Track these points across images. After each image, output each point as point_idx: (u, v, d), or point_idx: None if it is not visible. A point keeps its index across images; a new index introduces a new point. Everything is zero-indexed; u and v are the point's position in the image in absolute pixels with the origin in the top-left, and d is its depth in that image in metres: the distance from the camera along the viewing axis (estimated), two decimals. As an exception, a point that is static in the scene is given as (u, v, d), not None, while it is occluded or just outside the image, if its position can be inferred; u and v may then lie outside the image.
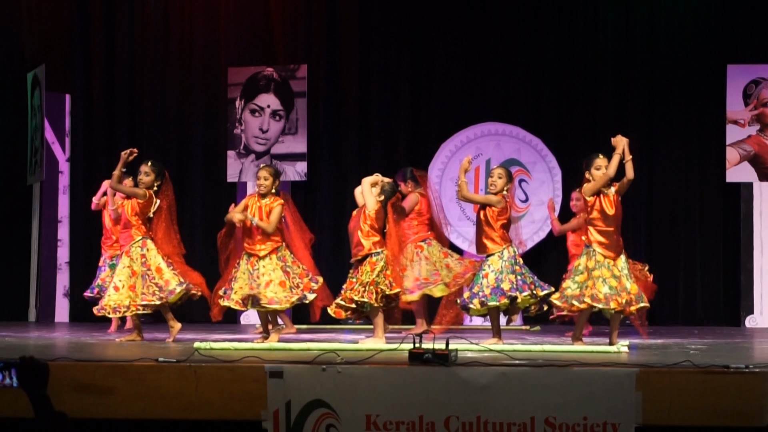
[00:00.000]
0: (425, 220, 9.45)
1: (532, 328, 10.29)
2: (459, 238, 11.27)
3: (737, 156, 11.26)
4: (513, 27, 11.80)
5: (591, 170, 7.86)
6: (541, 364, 6.16)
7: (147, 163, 8.76)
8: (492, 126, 11.60)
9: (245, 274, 8.14)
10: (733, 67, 11.27)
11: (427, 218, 9.45)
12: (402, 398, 5.87)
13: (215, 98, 12.14)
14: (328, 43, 12.02)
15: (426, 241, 9.38)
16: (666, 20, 11.60)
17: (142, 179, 8.69)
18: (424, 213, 9.44)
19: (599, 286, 7.65)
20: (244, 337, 8.83)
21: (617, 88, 11.64)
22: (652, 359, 6.68)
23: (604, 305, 7.66)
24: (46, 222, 12.12)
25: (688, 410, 5.76)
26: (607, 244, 7.71)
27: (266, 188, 8.27)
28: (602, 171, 7.79)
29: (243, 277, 8.14)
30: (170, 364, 6.19)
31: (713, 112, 11.43)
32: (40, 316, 12.03)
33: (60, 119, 12.20)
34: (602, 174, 7.80)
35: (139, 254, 8.54)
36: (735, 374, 5.84)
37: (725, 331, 10.43)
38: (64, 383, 6.00)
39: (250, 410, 5.96)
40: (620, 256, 7.75)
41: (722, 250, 11.51)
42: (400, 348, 6.78)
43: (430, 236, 9.42)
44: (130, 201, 8.70)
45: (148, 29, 12.32)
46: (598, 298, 7.66)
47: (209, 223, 11.69)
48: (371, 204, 8.04)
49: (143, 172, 8.69)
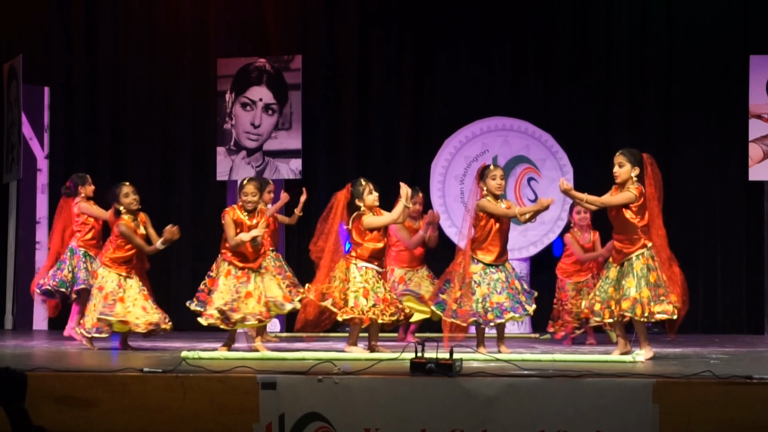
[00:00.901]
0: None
1: (541, 335, 10.30)
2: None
3: (760, 152, 11.26)
4: (523, 14, 11.80)
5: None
6: (551, 374, 6.16)
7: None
8: (499, 121, 11.61)
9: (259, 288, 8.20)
10: (756, 57, 11.27)
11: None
12: (403, 411, 5.88)
13: (204, 91, 12.14)
14: (325, 32, 12.03)
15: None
16: (684, 9, 11.61)
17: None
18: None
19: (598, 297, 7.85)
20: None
21: (632, 80, 11.65)
22: (669, 369, 6.68)
23: (599, 317, 7.82)
24: (23, 223, 12.12)
25: (708, 424, 5.77)
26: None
27: (253, 205, 8.29)
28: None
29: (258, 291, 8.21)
30: (156, 375, 6.20)
31: (735, 106, 11.44)
32: (16, 323, 12.03)
33: (38, 113, 12.20)
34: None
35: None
36: (758, 385, 5.85)
37: (748, 339, 10.44)
38: (43, 395, 6.00)
39: (241, 424, 5.96)
40: (629, 259, 7.77)
41: (744, 252, 11.52)
42: (401, 357, 6.78)
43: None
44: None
45: (132, 16, 12.32)
46: (594, 310, 7.82)
47: (197, 224, 11.70)
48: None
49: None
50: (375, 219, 8.17)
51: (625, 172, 7.73)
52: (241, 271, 8.17)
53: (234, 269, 8.17)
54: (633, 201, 7.68)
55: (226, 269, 8.17)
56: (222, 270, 8.19)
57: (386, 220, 8.22)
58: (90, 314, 8.74)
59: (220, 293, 8.10)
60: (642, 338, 7.69)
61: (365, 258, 8.14)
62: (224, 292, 8.10)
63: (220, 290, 8.12)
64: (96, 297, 8.73)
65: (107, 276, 8.75)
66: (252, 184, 8.29)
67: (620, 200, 7.72)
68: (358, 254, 8.15)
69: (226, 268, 8.17)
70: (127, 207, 8.75)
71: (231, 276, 8.15)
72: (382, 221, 8.20)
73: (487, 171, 8.32)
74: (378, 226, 8.18)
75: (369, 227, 8.16)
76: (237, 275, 8.15)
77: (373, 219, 8.17)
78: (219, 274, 8.19)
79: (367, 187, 8.22)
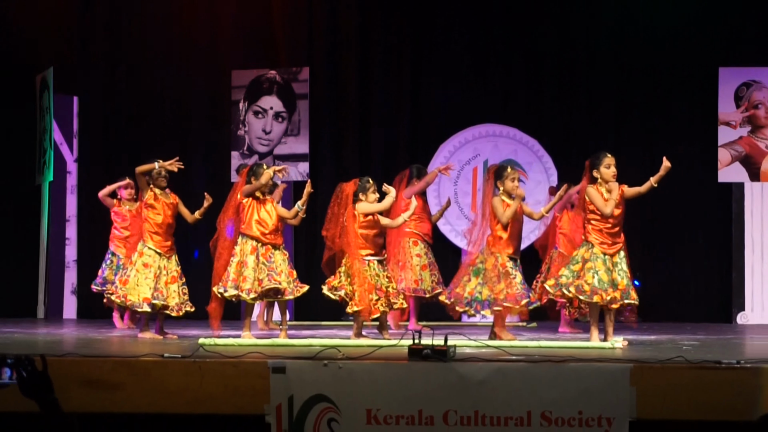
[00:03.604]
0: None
1: (528, 324, 10.29)
2: (458, 237, 11.29)
3: (729, 157, 11.26)
4: (511, 31, 11.79)
5: (600, 168, 7.79)
6: (537, 359, 6.16)
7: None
8: (490, 127, 11.60)
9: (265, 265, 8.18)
10: (725, 69, 11.27)
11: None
12: (401, 393, 5.88)
13: (219, 100, 12.13)
14: (330, 46, 12.02)
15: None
16: (660, 25, 11.59)
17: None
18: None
19: (588, 278, 7.65)
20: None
21: (613, 91, 11.64)
22: (645, 355, 6.68)
23: (587, 297, 7.65)
24: (54, 221, 12.11)
25: (680, 405, 5.77)
26: (603, 240, 7.70)
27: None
28: (612, 170, 7.76)
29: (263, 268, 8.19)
30: (175, 360, 6.19)
31: (706, 114, 11.43)
32: (48, 312, 12.02)
33: (68, 121, 12.20)
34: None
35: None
36: (727, 370, 5.85)
37: (717, 327, 10.42)
38: (73, 378, 6.01)
39: (253, 404, 5.96)
40: (619, 252, 7.73)
41: (714, 248, 11.51)
42: (399, 344, 6.78)
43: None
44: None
45: (152, 34, 12.30)
46: (583, 290, 7.65)
47: (213, 222, 11.68)
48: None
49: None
50: (369, 205, 8.21)
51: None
52: (264, 247, 8.17)
53: (259, 245, 8.16)
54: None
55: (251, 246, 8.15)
56: (246, 248, 8.17)
57: (378, 207, 8.23)
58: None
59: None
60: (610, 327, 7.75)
61: (363, 246, 8.12)
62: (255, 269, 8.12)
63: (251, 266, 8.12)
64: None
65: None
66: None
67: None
68: (358, 245, 8.13)
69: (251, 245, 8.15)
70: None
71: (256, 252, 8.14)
72: (375, 208, 8.21)
73: (505, 172, 8.24)
74: (370, 211, 8.19)
75: (362, 212, 8.17)
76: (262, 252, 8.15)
77: (367, 205, 8.21)
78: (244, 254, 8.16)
79: (373, 186, 8.27)
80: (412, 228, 9.57)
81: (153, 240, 8.59)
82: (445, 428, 5.80)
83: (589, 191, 7.73)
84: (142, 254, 8.59)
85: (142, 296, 8.47)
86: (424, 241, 9.71)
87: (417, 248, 9.64)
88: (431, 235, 9.84)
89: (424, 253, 9.66)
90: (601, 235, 7.69)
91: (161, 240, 8.62)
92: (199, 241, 11.32)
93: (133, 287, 8.49)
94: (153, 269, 8.53)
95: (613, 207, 7.66)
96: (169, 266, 8.61)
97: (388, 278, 8.22)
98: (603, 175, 7.75)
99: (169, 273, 8.59)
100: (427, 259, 9.67)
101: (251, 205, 8.21)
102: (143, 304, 8.47)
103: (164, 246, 8.63)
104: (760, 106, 11.23)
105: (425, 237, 9.72)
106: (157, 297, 8.47)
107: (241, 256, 8.11)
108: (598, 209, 7.67)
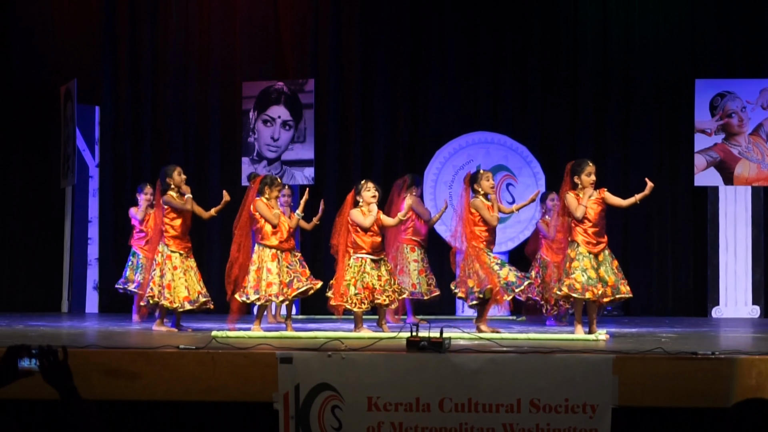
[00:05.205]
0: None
1: (518, 318, 10.29)
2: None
3: (704, 162, 11.26)
4: (501, 46, 11.81)
5: (581, 176, 7.81)
6: (526, 351, 6.17)
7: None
8: (482, 135, 11.60)
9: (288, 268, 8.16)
10: (701, 81, 11.27)
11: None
12: (400, 382, 5.88)
13: (231, 110, 12.13)
14: (333, 60, 12.02)
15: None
16: (639, 39, 11.62)
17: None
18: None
19: (578, 276, 7.64)
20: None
21: (596, 100, 11.65)
22: (627, 346, 6.69)
23: (579, 294, 7.65)
24: (77, 222, 12.11)
25: (660, 393, 5.78)
26: (588, 240, 7.71)
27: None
28: (592, 177, 7.78)
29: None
30: (190, 351, 6.20)
31: (683, 123, 11.44)
32: (72, 307, 12.03)
33: (90, 129, 12.20)
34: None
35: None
36: (702, 360, 5.86)
37: (694, 321, 10.43)
38: (94, 368, 6.01)
39: (262, 393, 5.96)
40: (604, 251, 7.74)
41: (691, 247, 11.52)
42: (398, 336, 6.78)
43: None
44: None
45: (170, 48, 12.30)
46: (574, 288, 7.65)
47: (225, 222, 11.68)
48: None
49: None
50: (358, 216, 8.09)
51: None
52: (284, 253, 8.13)
53: (279, 252, 8.12)
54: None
55: (271, 254, 8.11)
56: (266, 255, 8.11)
57: (365, 222, 8.06)
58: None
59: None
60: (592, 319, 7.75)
61: (358, 247, 8.09)
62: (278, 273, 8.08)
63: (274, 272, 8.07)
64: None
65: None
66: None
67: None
68: (352, 245, 8.10)
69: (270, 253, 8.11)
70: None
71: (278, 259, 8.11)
72: (362, 220, 8.06)
73: (479, 175, 8.30)
74: (358, 222, 8.08)
75: (352, 220, 8.09)
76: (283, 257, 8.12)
77: (357, 215, 8.09)
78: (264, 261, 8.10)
79: (365, 185, 8.17)
80: (410, 235, 9.63)
81: (174, 242, 8.55)
82: (441, 415, 5.80)
83: (568, 197, 7.77)
84: (170, 257, 8.52)
85: (182, 296, 8.42)
86: (421, 246, 9.75)
87: (414, 254, 9.68)
88: (426, 239, 9.87)
89: (420, 259, 9.71)
90: (585, 235, 7.71)
91: (182, 242, 8.60)
92: (211, 238, 11.33)
93: (176, 288, 8.41)
94: (182, 269, 8.49)
95: (584, 211, 7.68)
96: (192, 264, 8.60)
97: (383, 278, 8.08)
98: (583, 182, 7.79)
99: (195, 271, 8.59)
100: (423, 264, 9.72)
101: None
102: (184, 303, 8.43)
103: (186, 247, 8.62)
104: (734, 115, 11.23)
105: (422, 242, 9.77)
106: (196, 295, 8.45)
107: (259, 263, 8.08)
108: (571, 213, 7.71)
